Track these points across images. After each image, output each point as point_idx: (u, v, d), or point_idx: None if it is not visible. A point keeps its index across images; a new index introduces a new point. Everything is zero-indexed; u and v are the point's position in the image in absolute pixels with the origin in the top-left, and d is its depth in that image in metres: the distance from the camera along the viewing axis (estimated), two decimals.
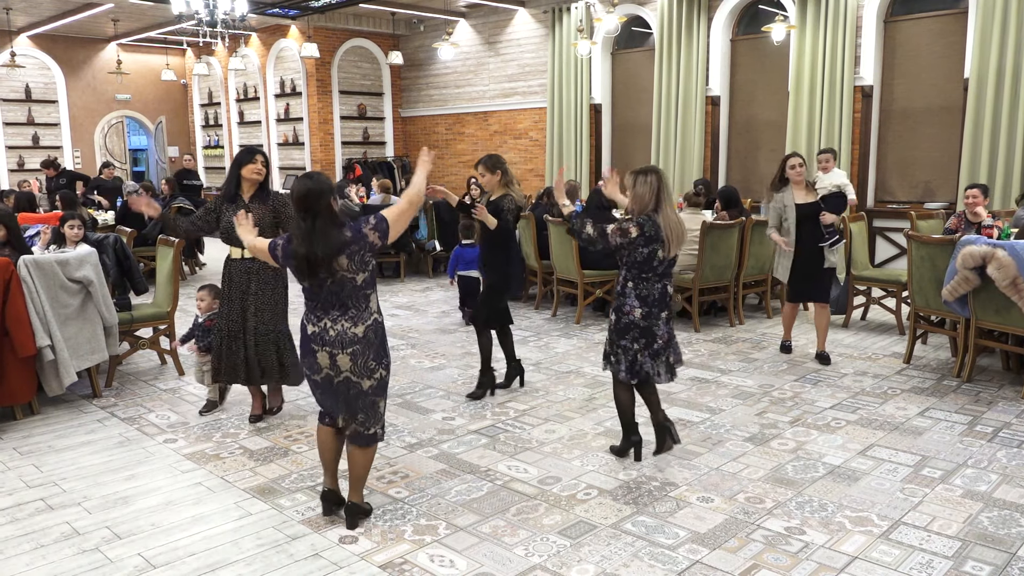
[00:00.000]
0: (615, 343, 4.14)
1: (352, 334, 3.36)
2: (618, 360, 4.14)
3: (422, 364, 6.24)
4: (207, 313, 5.06)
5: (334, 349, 3.37)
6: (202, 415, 5.05)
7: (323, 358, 3.40)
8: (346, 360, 3.37)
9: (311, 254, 3.27)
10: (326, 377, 3.44)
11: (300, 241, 3.30)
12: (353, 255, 3.31)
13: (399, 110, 15.23)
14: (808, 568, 3.16)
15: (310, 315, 3.44)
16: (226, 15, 8.99)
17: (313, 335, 3.40)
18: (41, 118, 14.81)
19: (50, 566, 3.25)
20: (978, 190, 6.21)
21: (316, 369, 3.44)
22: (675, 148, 11.11)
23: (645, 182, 3.98)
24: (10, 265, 4.83)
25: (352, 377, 3.39)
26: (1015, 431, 4.59)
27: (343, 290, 3.34)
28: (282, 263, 3.49)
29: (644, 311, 4.06)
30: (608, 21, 10.12)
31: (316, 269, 3.29)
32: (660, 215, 3.97)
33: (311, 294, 3.41)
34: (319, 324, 3.39)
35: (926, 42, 9.26)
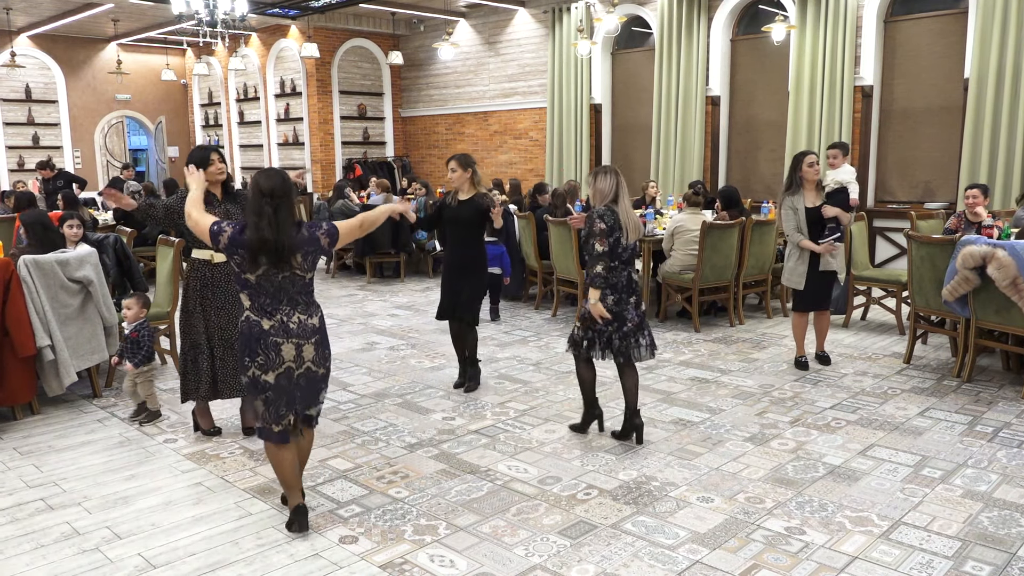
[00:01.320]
0: (589, 328, 4.43)
1: (311, 325, 3.43)
2: (593, 344, 4.44)
3: (422, 364, 6.24)
4: (134, 323, 4.82)
5: (300, 340, 3.37)
6: (142, 424, 4.84)
7: (289, 350, 3.35)
8: (311, 350, 3.41)
9: (279, 241, 3.26)
10: (286, 371, 3.35)
11: (266, 227, 3.25)
12: (307, 255, 3.39)
13: (399, 110, 15.23)
14: (808, 568, 3.16)
15: (259, 310, 3.35)
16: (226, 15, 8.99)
17: (273, 329, 3.33)
18: (41, 118, 14.81)
19: (50, 566, 3.25)
20: (978, 190, 6.20)
21: (275, 364, 3.33)
22: (675, 148, 11.11)
23: (606, 178, 4.40)
24: (10, 265, 4.83)
25: (312, 367, 3.43)
26: (1015, 431, 4.59)
27: (293, 286, 3.38)
28: (225, 249, 3.37)
29: (615, 297, 4.37)
30: (608, 21, 10.13)
31: (280, 258, 3.29)
32: (618, 206, 4.37)
33: (257, 288, 3.34)
34: (274, 318, 3.35)
35: (926, 42, 9.26)
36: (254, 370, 3.35)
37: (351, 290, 9.63)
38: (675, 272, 7.33)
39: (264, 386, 3.36)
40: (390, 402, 5.32)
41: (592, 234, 4.30)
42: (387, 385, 5.71)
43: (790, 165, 5.82)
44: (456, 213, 5.35)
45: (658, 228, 7.87)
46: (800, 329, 5.97)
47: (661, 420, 4.88)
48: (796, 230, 5.71)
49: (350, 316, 8.08)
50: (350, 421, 4.94)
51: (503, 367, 6.09)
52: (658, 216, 8.57)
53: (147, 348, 4.82)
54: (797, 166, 5.71)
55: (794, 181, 5.74)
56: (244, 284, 3.38)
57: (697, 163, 10.89)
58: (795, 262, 5.80)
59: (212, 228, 3.39)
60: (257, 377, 3.35)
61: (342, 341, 6.98)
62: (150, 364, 4.87)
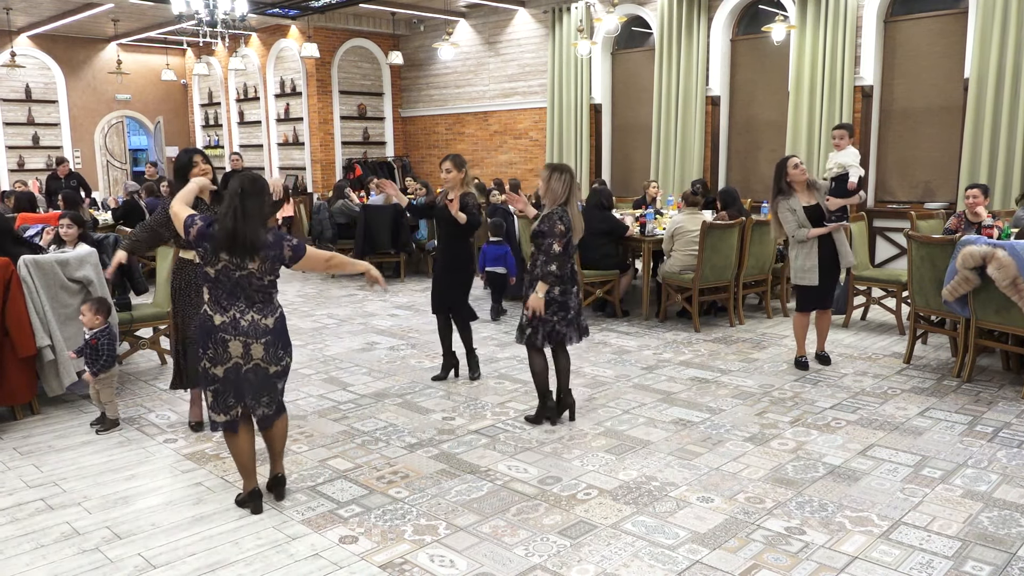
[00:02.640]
0: (536, 317, 4.65)
1: (264, 325, 3.51)
2: (536, 331, 4.68)
3: (422, 364, 6.24)
4: (92, 331, 4.68)
5: (248, 339, 3.48)
6: (99, 433, 4.77)
7: (236, 347, 3.47)
8: (259, 349, 3.51)
9: (239, 232, 3.37)
10: (233, 367, 3.50)
11: (230, 219, 3.38)
12: (266, 258, 3.47)
13: (399, 110, 15.23)
14: (808, 568, 3.16)
15: (215, 305, 3.48)
16: (226, 15, 8.98)
17: (223, 325, 3.46)
18: (41, 118, 14.80)
19: (50, 566, 3.25)
20: (978, 190, 6.20)
21: (223, 359, 3.48)
22: (675, 148, 11.11)
23: (560, 179, 4.61)
24: (10, 265, 4.82)
25: (261, 364, 3.54)
26: (1015, 431, 4.59)
27: (250, 285, 3.48)
28: (193, 240, 3.49)
29: (561, 288, 4.66)
30: (608, 21, 10.12)
31: (237, 249, 3.38)
32: (569, 207, 4.62)
33: (215, 283, 3.48)
34: (227, 314, 3.47)
35: (926, 42, 9.26)
36: (205, 362, 3.52)
37: (351, 290, 9.63)
38: (675, 272, 7.33)
39: (213, 378, 3.53)
40: (390, 402, 5.32)
41: (553, 234, 4.53)
42: (387, 385, 5.71)
43: (775, 173, 5.82)
44: (447, 213, 5.48)
45: (658, 228, 7.87)
46: (802, 329, 5.96)
47: (661, 420, 4.88)
48: (800, 226, 5.71)
49: (350, 316, 8.08)
50: (350, 421, 4.94)
51: (503, 367, 6.09)
52: (658, 216, 8.57)
53: (107, 355, 4.68)
54: (782, 172, 5.74)
55: (782, 188, 5.76)
56: (205, 277, 3.52)
57: (697, 163, 10.89)
58: (804, 259, 5.76)
59: (186, 220, 3.53)
60: (207, 369, 3.53)
61: (342, 341, 6.98)
62: (109, 372, 4.73)
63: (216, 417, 3.60)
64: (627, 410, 5.07)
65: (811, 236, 5.69)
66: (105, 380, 4.73)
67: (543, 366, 4.80)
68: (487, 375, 5.90)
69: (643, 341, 6.87)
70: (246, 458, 3.68)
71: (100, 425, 4.83)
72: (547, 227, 4.57)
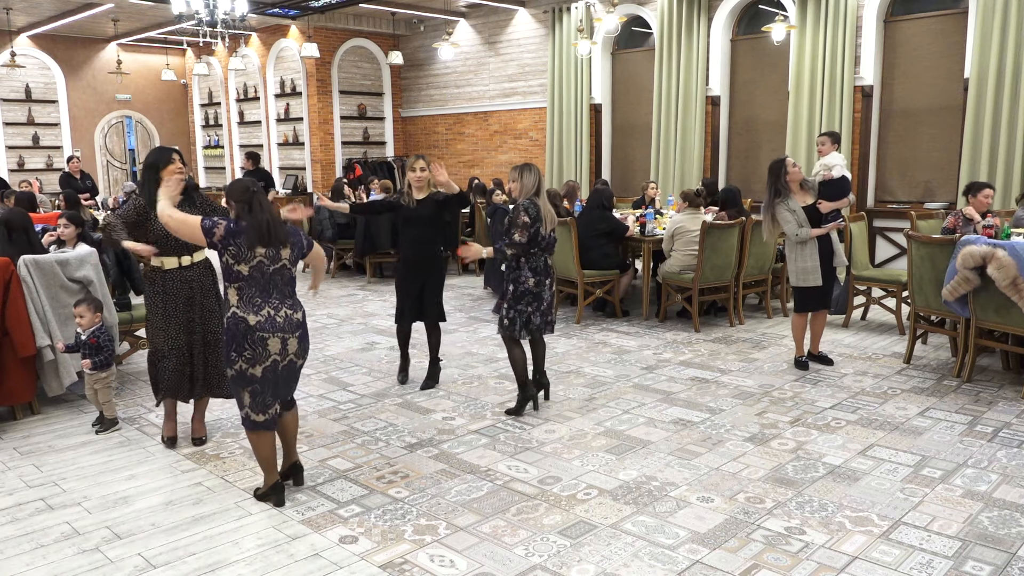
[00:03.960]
0: (512, 308, 4.92)
1: (296, 319, 3.60)
2: (513, 322, 4.92)
3: (422, 364, 6.22)
4: (89, 330, 4.64)
5: (285, 334, 3.53)
6: (99, 433, 4.75)
7: (275, 344, 3.50)
8: (295, 343, 3.59)
9: (273, 222, 3.45)
10: (271, 364, 3.51)
11: (259, 210, 3.44)
12: (294, 247, 3.61)
13: (399, 110, 15.23)
14: (808, 568, 3.16)
15: (247, 305, 3.48)
16: (226, 15, 8.98)
17: (259, 324, 3.47)
18: (41, 118, 14.81)
19: (50, 566, 3.25)
20: (991, 190, 6.27)
21: (262, 358, 3.49)
22: (675, 148, 11.11)
23: (530, 175, 4.89)
24: (10, 265, 4.82)
25: (294, 359, 3.62)
26: (1015, 431, 4.59)
27: (282, 278, 3.56)
28: (219, 241, 3.46)
29: (536, 280, 4.91)
30: (608, 21, 10.12)
31: (271, 239, 3.46)
32: (540, 199, 4.88)
33: (248, 281, 3.48)
34: (262, 312, 3.49)
35: (926, 42, 9.26)
36: (241, 364, 3.49)
37: (351, 290, 9.63)
38: (675, 272, 7.33)
39: (251, 379, 3.52)
40: (390, 402, 5.32)
41: (514, 224, 4.79)
42: (387, 385, 5.71)
43: (771, 174, 5.76)
44: (416, 213, 5.44)
45: (658, 228, 7.87)
46: (800, 330, 5.97)
47: (661, 420, 4.88)
48: (800, 225, 5.70)
49: (350, 316, 8.08)
50: (350, 421, 4.94)
51: (503, 367, 6.09)
52: (658, 216, 8.57)
53: (107, 352, 4.65)
54: (782, 172, 5.70)
55: (780, 189, 5.71)
56: (235, 278, 3.48)
57: (697, 163, 10.89)
58: (806, 260, 5.74)
59: (204, 224, 3.49)
60: (244, 371, 3.50)
61: (342, 341, 6.98)
62: (108, 370, 4.69)
63: (256, 417, 3.60)
64: (627, 410, 5.07)
65: (812, 235, 5.69)
66: (104, 380, 4.72)
67: (522, 356, 5.00)
68: (487, 375, 5.90)
69: (643, 341, 6.87)
70: (272, 452, 3.71)
71: (100, 425, 4.83)
72: (512, 216, 4.84)
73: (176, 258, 4.33)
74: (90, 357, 4.65)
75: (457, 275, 10.72)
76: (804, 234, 5.70)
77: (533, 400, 5.07)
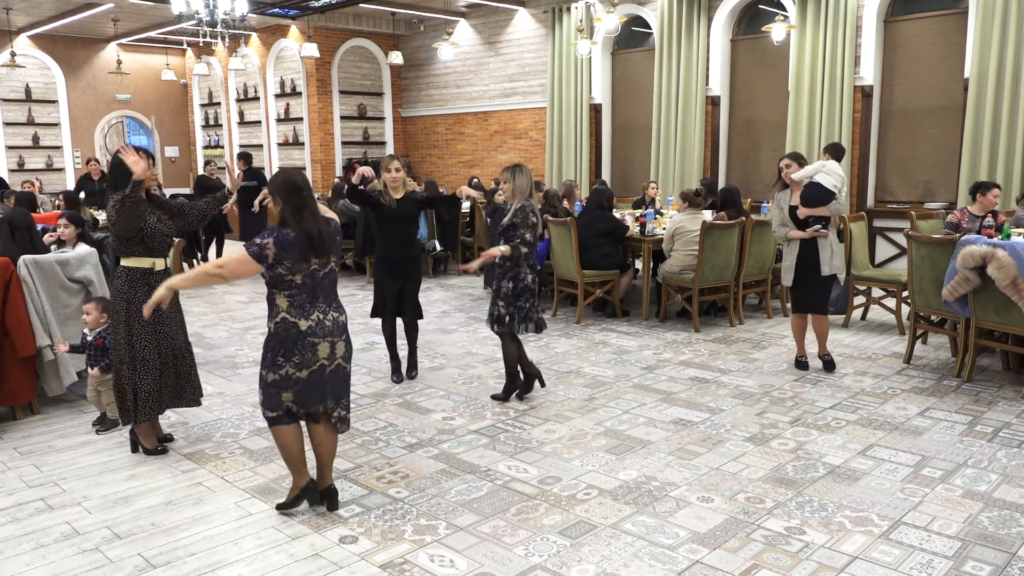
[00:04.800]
0: (512, 305, 5.09)
1: (341, 322, 3.57)
2: (512, 319, 5.10)
3: (422, 364, 6.23)
4: (95, 330, 4.61)
5: (334, 337, 3.50)
6: (99, 433, 4.75)
7: (324, 348, 3.46)
8: (342, 346, 3.55)
9: (324, 231, 3.41)
10: (318, 368, 3.47)
11: (308, 221, 3.37)
12: (336, 246, 3.56)
13: (399, 110, 15.22)
14: (808, 568, 3.16)
15: (297, 311, 3.42)
16: (226, 15, 8.98)
17: (310, 329, 3.43)
18: (41, 118, 14.80)
19: (50, 566, 3.25)
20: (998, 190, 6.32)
21: (311, 363, 3.44)
22: (675, 148, 11.10)
23: (523, 176, 5.05)
24: (10, 265, 4.83)
25: (342, 363, 3.57)
26: (1015, 431, 4.59)
27: (329, 281, 3.52)
28: (274, 259, 3.32)
29: (532, 276, 5.14)
30: (608, 21, 10.12)
31: (326, 249, 3.41)
32: (533, 200, 5.10)
33: (299, 289, 3.41)
34: (311, 317, 3.44)
35: (926, 42, 9.26)
36: (288, 368, 3.43)
37: (351, 290, 9.63)
38: (675, 272, 7.33)
39: (296, 382, 3.47)
40: (390, 402, 5.32)
41: (525, 225, 5.02)
42: (387, 385, 5.71)
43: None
44: (396, 213, 5.49)
45: (658, 228, 7.87)
46: (799, 330, 5.96)
47: (661, 420, 4.88)
48: (781, 224, 5.79)
49: (350, 316, 8.08)
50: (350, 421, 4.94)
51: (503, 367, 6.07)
52: (658, 216, 8.57)
53: (112, 355, 4.57)
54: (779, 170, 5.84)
55: (779, 179, 5.85)
56: (287, 286, 3.41)
57: (697, 163, 10.89)
58: (785, 257, 5.85)
59: (251, 252, 3.33)
60: (290, 375, 3.45)
61: None
62: (111, 372, 4.59)
63: (288, 410, 3.53)
64: (627, 410, 5.07)
65: (790, 237, 5.73)
66: (107, 382, 4.71)
67: (515, 351, 5.24)
68: (487, 375, 5.90)
69: (643, 341, 6.87)
70: (299, 449, 3.61)
71: (100, 425, 4.83)
72: (519, 220, 5.00)
73: (163, 259, 4.31)
74: (97, 360, 4.63)
75: (457, 275, 10.72)
76: (781, 233, 5.79)
77: (521, 388, 5.33)
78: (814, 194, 5.60)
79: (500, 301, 5.11)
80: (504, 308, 5.10)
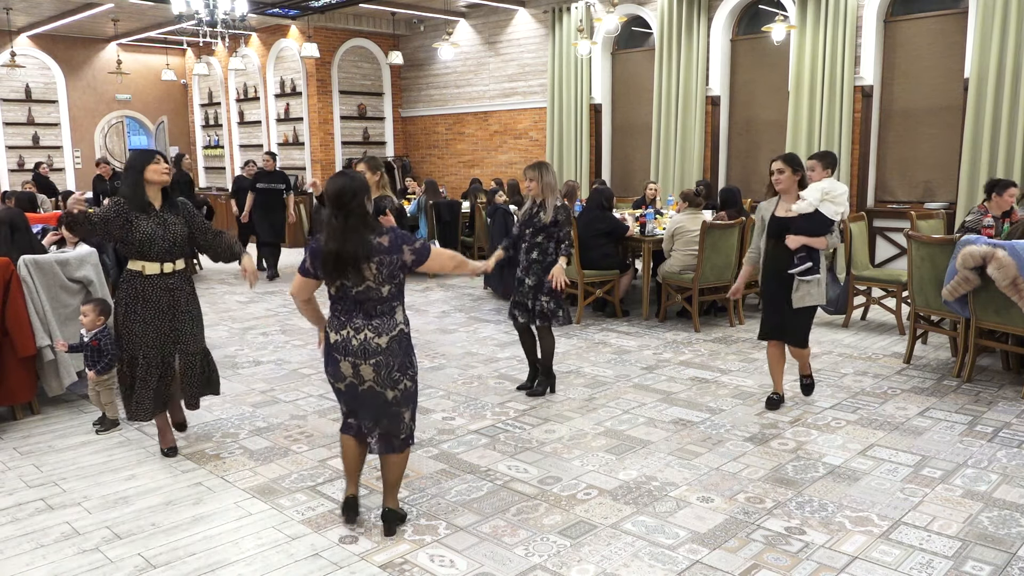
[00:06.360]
0: (557, 299, 5.20)
1: (375, 344, 3.27)
2: (564, 311, 5.23)
3: (422, 364, 6.23)
4: (92, 331, 4.61)
5: (357, 359, 3.29)
6: (99, 433, 4.75)
7: (346, 368, 3.33)
8: (369, 370, 3.30)
9: (343, 251, 3.18)
10: (350, 385, 3.37)
11: (331, 237, 3.21)
12: (383, 264, 3.22)
13: (399, 110, 15.23)
14: (808, 568, 3.16)
15: (333, 322, 3.34)
16: (226, 15, 8.99)
17: (336, 344, 3.32)
18: (41, 118, 14.81)
19: (50, 566, 3.25)
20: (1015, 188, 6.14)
21: (340, 377, 3.37)
22: (675, 148, 11.11)
23: (548, 172, 5.07)
24: (10, 265, 4.83)
25: (375, 387, 3.33)
26: (1015, 431, 4.59)
27: (368, 299, 3.26)
28: (313, 263, 3.31)
29: None
30: (608, 21, 10.12)
31: (344, 268, 3.19)
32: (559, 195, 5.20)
33: (335, 299, 3.33)
34: (341, 332, 3.30)
35: (926, 42, 9.26)
36: (328, 377, 3.44)
37: None
38: (675, 272, 7.33)
39: (337, 391, 3.46)
40: None
41: (569, 223, 5.12)
42: None
43: None
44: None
45: (658, 228, 7.87)
46: (772, 360, 5.02)
47: (661, 420, 4.88)
48: (753, 247, 4.98)
49: None
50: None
51: (503, 367, 6.09)
52: (658, 216, 8.57)
53: (110, 355, 4.61)
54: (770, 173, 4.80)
55: (771, 187, 4.87)
56: (329, 295, 3.37)
57: (697, 163, 10.89)
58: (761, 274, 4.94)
59: (300, 270, 3.39)
60: (333, 384, 3.45)
61: None
62: (110, 373, 4.66)
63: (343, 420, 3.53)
64: (627, 410, 5.07)
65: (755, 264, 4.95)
66: (107, 381, 4.72)
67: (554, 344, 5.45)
68: (487, 375, 5.90)
69: (643, 341, 6.87)
70: (350, 463, 3.53)
71: (100, 425, 4.83)
72: (563, 217, 5.10)
73: (159, 264, 4.13)
74: (93, 361, 4.64)
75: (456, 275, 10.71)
76: (750, 259, 5.02)
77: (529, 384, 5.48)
78: (818, 221, 4.63)
79: (543, 296, 5.18)
80: (548, 303, 5.19)
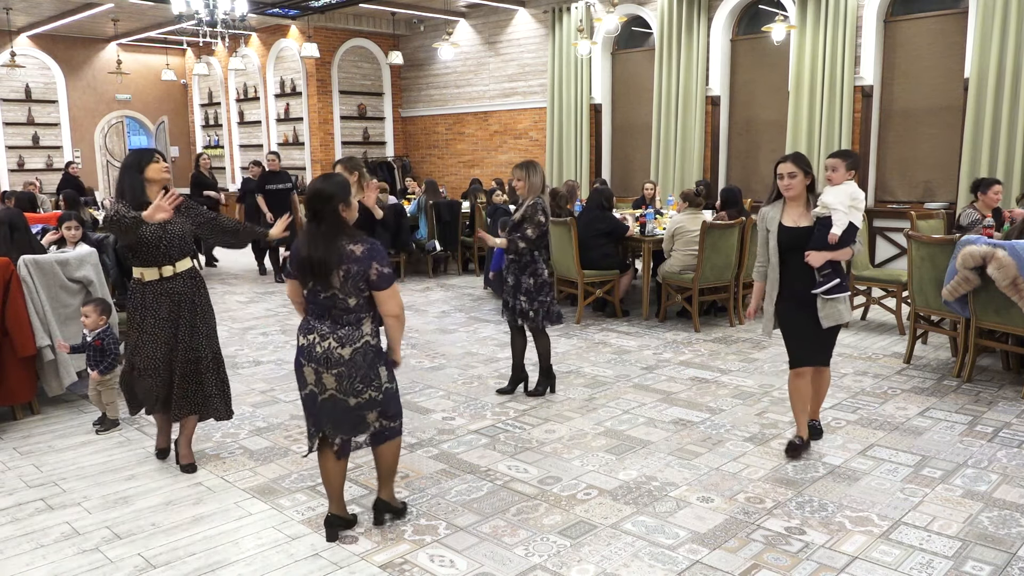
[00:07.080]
0: (535, 300, 5.17)
1: (338, 355, 3.21)
2: (537, 314, 5.19)
3: (422, 364, 6.23)
4: (94, 331, 4.61)
5: (319, 367, 3.24)
6: (99, 433, 4.74)
7: (309, 373, 3.28)
8: (331, 380, 3.24)
9: (312, 255, 3.15)
10: (310, 393, 3.30)
11: (303, 241, 3.21)
12: (349, 274, 3.15)
13: (399, 110, 15.23)
14: (808, 568, 3.15)
15: (302, 324, 3.32)
16: (226, 15, 8.98)
17: (302, 348, 3.29)
18: (41, 118, 14.81)
19: (50, 566, 3.25)
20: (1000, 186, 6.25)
21: (302, 384, 3.33)
22: (675, 148, 11.11)
23: (537, 173, 5.10)
24: (10, 265, 4.83)
25: (337, 395, 3.27)
26: (1015, 431, 4.59)
27: (335, 307, 3.22)
28: (292, 270, 3.30)
29: (549, 270, 5.27)
30: (608, 21, 10.12)
31: (313, 273, 3.17)
32: (544, 196, 5.16)
33: (308, 301, 3.30)
34: (308, 337, 3.26)
35: (926, 42, 9.26)
36: (297, 383, 3.40)
37: None
38: (675, 272, 7.33)
39: (303, 399, 3.37)
40: None
41: (531, 221, 5.04)
42: None
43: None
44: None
45: (658, 228, 7.87)
46: (796, 396, 4.24)
47: (661, 420, 4.88)
48: (758, 263, 4.26)
49: None
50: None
51: (503, 367, 6.09)
52: (658, 216, 8.57)
53: (112, 355, 4.63)
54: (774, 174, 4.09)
55: (773, 190, 4.18)
56: (303, 296, 3.34)
57: (697, 163, 10.89)
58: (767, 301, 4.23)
59: (284, 271, 3.45)
60: (299, 390, 3.39)
61: None
62: (113, 372, 4.68)
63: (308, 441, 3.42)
64: (627, 410, 5.07)
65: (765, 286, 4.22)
66: (108, 381, 4.73)
67: (549, 345, 5.42)
68: (487, 375, 5.90)
69: (643, 341, 6.87)
70: (328, 477, 3.42)
71: (100, 425, 4.83)
72: (528, 215, 5.06)
73: (156, 268, 3.97)
74: (95, 362, 4.64)
75: (457, 275, 10.72)
76: (759, 273, 4.28)
77: (524, 382, 5.47)
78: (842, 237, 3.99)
79: (521, 296, 5.19)
80: (527, 303, 5.18)
